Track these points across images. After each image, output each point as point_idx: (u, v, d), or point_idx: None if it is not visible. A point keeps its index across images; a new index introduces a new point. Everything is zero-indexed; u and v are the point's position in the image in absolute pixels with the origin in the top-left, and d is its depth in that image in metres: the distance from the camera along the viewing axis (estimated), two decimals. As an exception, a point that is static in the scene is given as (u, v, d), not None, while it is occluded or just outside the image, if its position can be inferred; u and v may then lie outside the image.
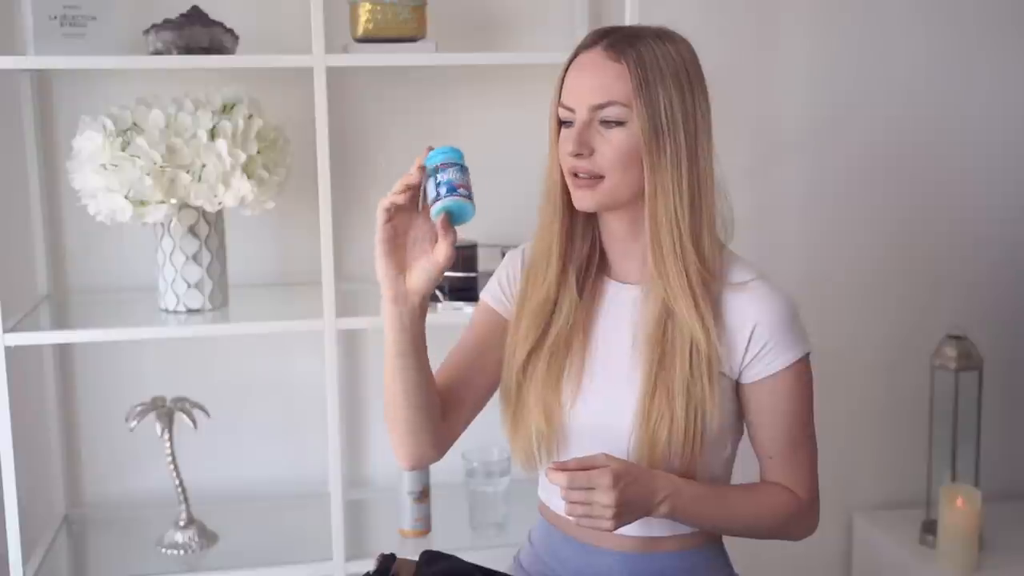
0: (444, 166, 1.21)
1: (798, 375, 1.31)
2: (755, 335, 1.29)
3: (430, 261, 1.23)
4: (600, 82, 1.26)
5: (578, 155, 1.26)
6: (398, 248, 1.24)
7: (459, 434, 1.41)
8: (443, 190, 1.20)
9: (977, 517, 2.01)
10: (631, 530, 1.33)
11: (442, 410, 1.37)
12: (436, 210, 1.20)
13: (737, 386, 1.33)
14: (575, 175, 1.28)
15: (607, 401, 1.32)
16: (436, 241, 1.22)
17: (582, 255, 1.36)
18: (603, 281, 1.38)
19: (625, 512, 1.21)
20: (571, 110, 1.28)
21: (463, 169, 1.22)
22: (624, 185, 1.27)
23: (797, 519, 1.36)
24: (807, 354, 1.32)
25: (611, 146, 1.26)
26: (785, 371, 1.30)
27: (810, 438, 1.36)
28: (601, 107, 1.26)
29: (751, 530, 1.36)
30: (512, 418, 1.38)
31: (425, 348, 1.31)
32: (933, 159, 2.27)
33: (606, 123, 1.26)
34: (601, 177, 1.27)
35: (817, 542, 2.44)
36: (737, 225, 1.37)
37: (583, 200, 1.29)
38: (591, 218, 1.35)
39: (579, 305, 1.35)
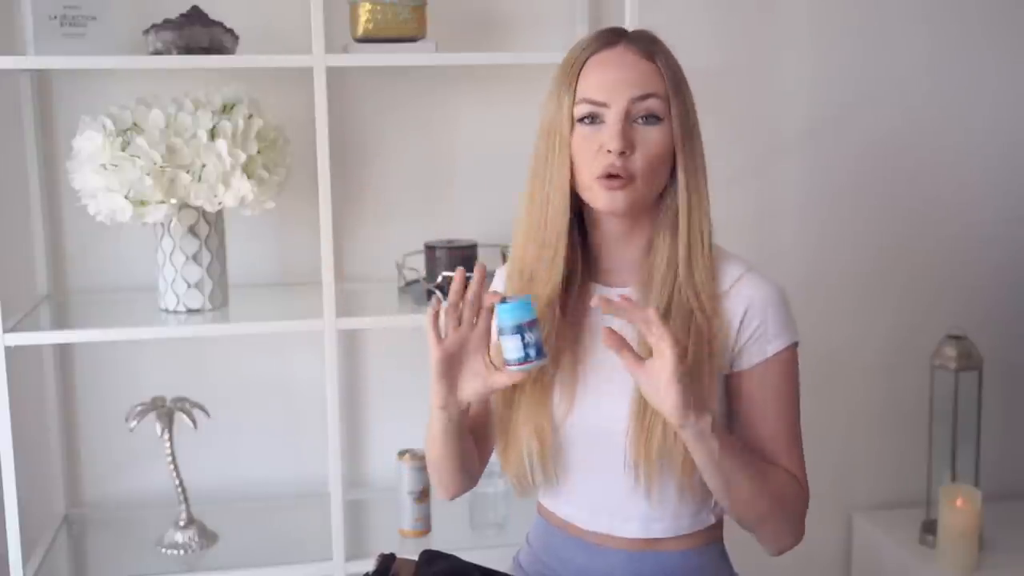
0: (531, 324, 1.21)
1: (788, 363, 1.31)
2: (747, 318, 1.29)
3: (485, 384, 1.25)
4: (636, 75, 1.24)
5: (621, 152, 1.23)
6: (453, 366, 1.26)
7: (488, 460, 1.45)
8: (532, 352, 1.21)
9: (977, 517, 2.01)
10: (633, 531, 1.33)
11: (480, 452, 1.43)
12: (521, 369, 1.21)
13: (727, 380, 1.32)
14: (608, 176, 1.24)
15: (601, 404, 1.31)
16: (488, 357, 1.25)
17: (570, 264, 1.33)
18: (589, 286, 1.35)
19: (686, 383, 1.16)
20: (603, 104, 1.24)
21: (537, 321, 1.22)
22: (653, 186, 1.27)
23: (797, 502, 1.32)
24: (796, 343, 1.32)
25: (648, 144, 1.24)
26: (776, 357, 1.29)
27: (798, 428, 1.34)
28: (641, 99, 1.24)
29: (760, 494, 1.26)
30: (503, 438, 1.36)
31: (466, 424, 1.35)
32: (933, 159, 2.27)
33: (646, 119, 1.24)
34: (632, 178, 1.25)
35: (817, 542, 2.44)
36: (736, 225, 1.38)
37: (615, 201, 1.24)
38: (576, 225, 1.32)
39: (565, 317, 1.32)
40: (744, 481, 1.25)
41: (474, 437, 1.40)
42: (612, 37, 1.28)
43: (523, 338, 1.20)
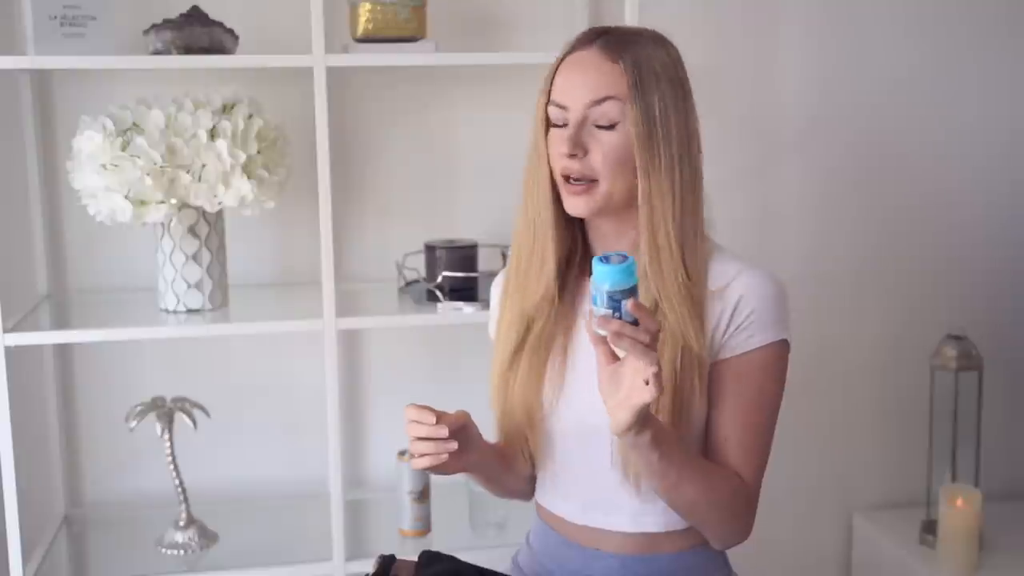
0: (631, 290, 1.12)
1: (774, 358, 1.29)
2: (739, 307, 1.27)
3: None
4: (595, 79, 1.25)
5: (572, 156, 1.25)
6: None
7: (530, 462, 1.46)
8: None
9: (977, 517, 2.01)
10: (624, 525, 1.33)
11: (521, 450, 1.42)
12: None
13: (711, 368, 1.30)
14: (567, 179, 1.27)
15: (591, 395, 1.30)
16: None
17: (565, 254, 1.34)
18: (586, 276, 1.35)
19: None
20: (564, 108, 1.27)
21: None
22: (618, 189, 1.26)
23: (739, 505, 1.29)
24: (786, 341, 1.30)
25: (604, 147, 1.25)
26: (762, 349, 1.28)
27: (768, 432, 1.31)
28: (597, 103, 1.24)
29: (697, 495, 1.26)
30: (500, 404, 1.38)
31: (486, 456, 1.37)
32: (932, 158, 2.27)
33: (599, 125, 1.25)
34: (595, 181, 1.26)
35: (817, 542, 2.44)
36: (735, 225, 1.37)
37: (577, 206, 1.27)
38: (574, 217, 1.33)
39: (560, 304, 1.34)
40: (685, 486, 1.24)
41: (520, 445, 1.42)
42: (589, 37, 1.29)
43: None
